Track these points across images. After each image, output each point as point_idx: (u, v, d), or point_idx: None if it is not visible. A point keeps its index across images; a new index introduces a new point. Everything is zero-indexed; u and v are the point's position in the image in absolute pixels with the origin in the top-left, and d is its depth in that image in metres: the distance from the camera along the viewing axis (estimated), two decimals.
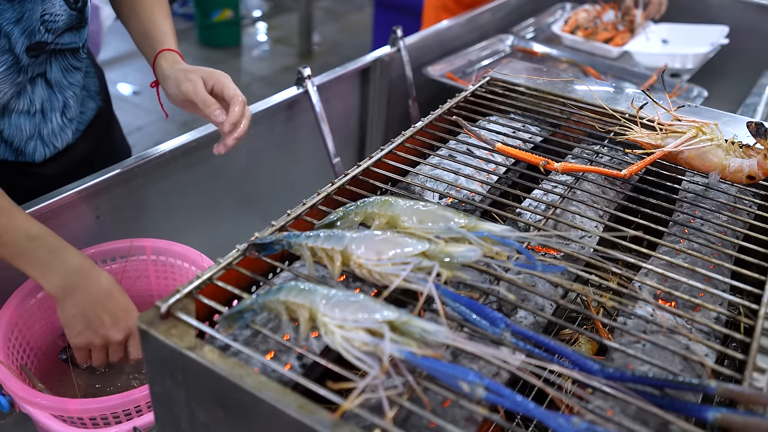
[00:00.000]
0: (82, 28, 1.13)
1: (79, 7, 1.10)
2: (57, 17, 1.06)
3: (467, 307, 0.64)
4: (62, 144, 1.21)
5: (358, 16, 5.99)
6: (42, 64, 1.11)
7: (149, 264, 1.12)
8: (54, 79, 1.15)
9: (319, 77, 1.54)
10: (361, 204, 0.79)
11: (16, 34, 1.03)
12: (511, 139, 1.07)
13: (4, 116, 1.11)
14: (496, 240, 0.71)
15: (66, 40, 1.11)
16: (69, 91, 1.18)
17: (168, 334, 0.63)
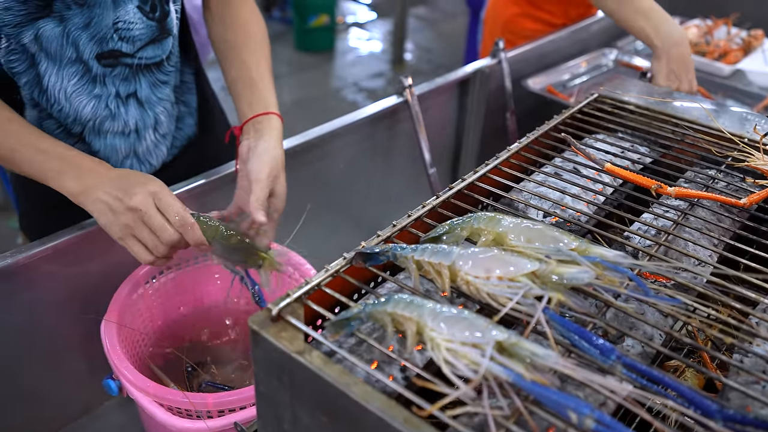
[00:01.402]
0: (163, 39, 1.13)
1: (158, 17, 1.09)
2: (131, 25, 1.06)
3: (577, 334, 0.63)
4: (158, 161, 1.24)
5: (451, 25, 5.99)
6: (131, 84, 1.13)
7: None
8: (144, 97, 1.16)
9: (419, 87, 1.55)
10: (468, 219, 0.79)
11: (84, 40, 1.04)
12: (620, 159, 1.04)
13: (100, 137, 1.15)
14: (607, 266, 0.69)
15: (149, 53, 1.12)
16: (159, 106, 1.20)
17: (278, 336, 0.65)
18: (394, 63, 5.15)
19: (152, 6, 1.07)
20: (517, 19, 2.22)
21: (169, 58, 1.17)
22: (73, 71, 1.07)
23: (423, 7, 6.47)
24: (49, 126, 1.12)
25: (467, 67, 1.69)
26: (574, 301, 0.67)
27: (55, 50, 1.04)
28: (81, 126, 1.13)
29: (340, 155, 1.47)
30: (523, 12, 2.21)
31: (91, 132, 1.14)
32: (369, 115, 1.45)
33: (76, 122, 1.12)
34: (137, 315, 1.07)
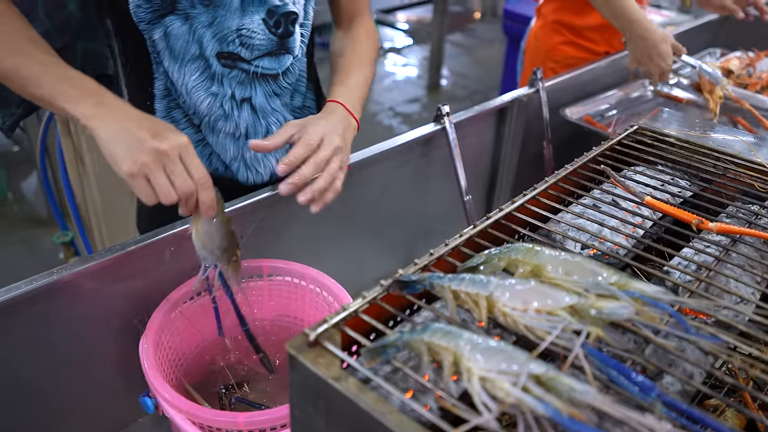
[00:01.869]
0: (281, 55, 1.20)
1: (280, 33, 1.16)
2: (254, 34, 1.13)
3: (616, 370, 0.62)
4: (266, 172, 1.29)
5: (488, 52, 6.02)
6: (247, 88, 1.20)
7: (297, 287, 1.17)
8: (258, 105, 1.23)
9: (456, 115, 1.56)
10: (505, 250, 0.79)
11: (207, 37, 1.12)
12: (659, 192, 1.03)
13: (213, 133, 1.23)
14: (647, 301, 0.69)
15: (266, 64, 1.19)
16: (272, 117, 1.26)
17: (315, 362, 0.66)
18: (429, 89, 5.19)
19: (276, 22, 1.14)
20: (560, 47, 2.23)
21: (287, 75, 1.24)
22: (195, 67, 1.15)
23: (459, 34, 6.52)
24: (176, 116, 1.21)
25: (505, 95, 1.70)
26: (612, 336, 0.66)
27: (180, 47, 1.13)
28: (199, 119, 1.21)
29: (377, 181, 1.49)
30: (567, 40, 2.22)
31: (206, 127, 1.22)
32: (406, 141, 1.46)
33: (196, 115, 1.21)
34: (175, 334, 1.09)
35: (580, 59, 2.17)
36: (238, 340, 1.16)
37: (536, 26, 2.36)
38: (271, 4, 1.13)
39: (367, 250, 1.56)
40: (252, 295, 1.17)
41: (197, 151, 1.18)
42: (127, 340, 1.12)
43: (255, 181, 1.29)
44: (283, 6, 1.14)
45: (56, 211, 2.48)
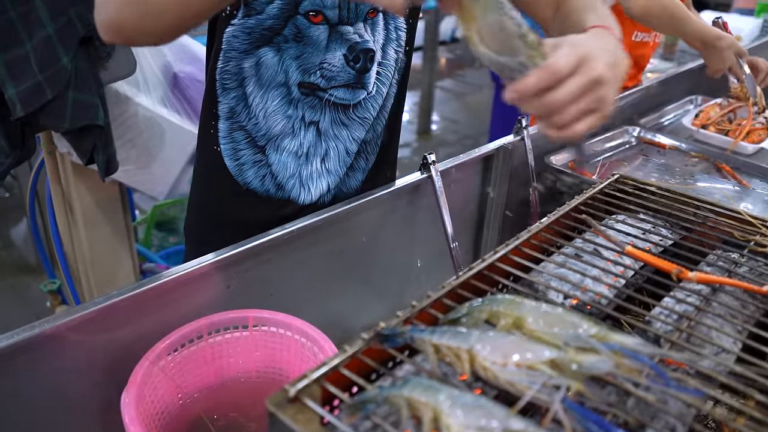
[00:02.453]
0: (356, 89, 1.30)
1: (358, 68, 1.25)
2: (334, 68, 1.24)
3: (596, 425, 0.62)
4: (316, 192, 1.38)
5: (477, 97, 6.12)
6: (317, 112, 1.30)
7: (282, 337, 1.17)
8: (323, 129, 1.33)
9: (442, 163, 1.58)
10: (487, 301, 0.79)
11: (293, 68, 1.23)
12: (641, 241, 1.04)
13: (277, 152, 1.32)
14: (627, 354, 0.69)
15: (340, 94, 1.29)
16: (333, 142, 1.35)
17: (295, 419, 0.65)
18: (420, 133, 5.25)
19: (356, 57, 1.24)
20: None
21: (357, 108, 1.34)
22: (277, 93, 1.26)
23: (449, 80, 6.63)
24: (238, 137, 1.31)
25: (491, 144, 1.72)
26: (592, 390, 0.66)
27: (269, 75, 1.24)
28: (266, 140, 1.31)
29: (364, 228, 1.49)
30: None
31: (272, 146, 1.32)
32: (393, 189, 1.48)
33: (264, 137, 1.30)
34: (158, 387, 1.07)
35: None
36: (221, 394, 1.15)
37: None
38: (352, 41, 1.23)
39: (354, 298, 1.56)
40: (238, 346, 1.16)
41: (253, 171, 1.34)
42: (109, 394, 1.11)
43: (305, 201, 1.39)
44: (363, 43, 1.24)
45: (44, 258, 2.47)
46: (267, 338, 1.17)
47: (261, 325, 1.16)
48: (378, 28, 1.28)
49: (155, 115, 1.80)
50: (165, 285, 1.13)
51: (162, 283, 1.12)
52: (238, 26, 1.20)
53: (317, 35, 1.22)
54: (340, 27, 1.22)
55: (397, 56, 1.38)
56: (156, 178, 1.89)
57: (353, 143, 1.39)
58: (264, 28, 1.20)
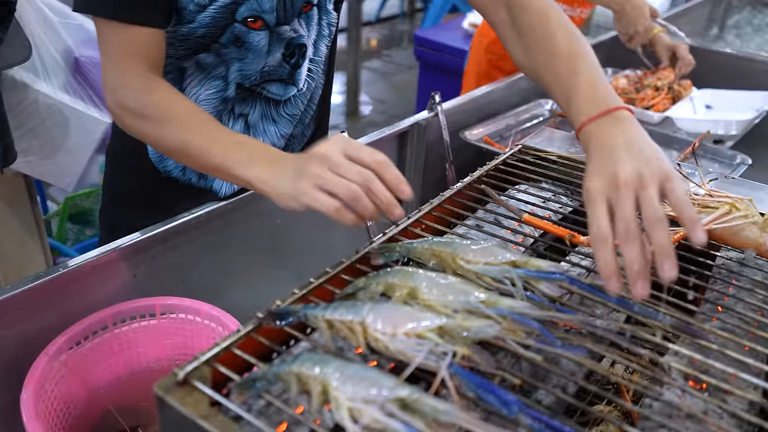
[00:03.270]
0: (288, 85, 1.27)
1: (293, 63, 1.23)
2: (273, 70, 1.22)
3: (481, 388, 0.63)
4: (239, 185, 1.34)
5: (404, 77, 6.12)
6: (247, 105, 1.26)
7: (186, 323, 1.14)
8: (252, 122, 1.29)
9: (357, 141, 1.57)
10: (383, 274, 0.80)
11: (234, 68, 1.20)
12: (541, 209, 1.07)
13: None
14: (516, 318, 0.71)
15: (272, 89, 1.26)
16: (260, 136, 1.31)
17: (183, 401, 0.64)
18: (348, 115, 5.23)
19: (291, 53, 1.22)
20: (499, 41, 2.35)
21: (287, 105, 1.31)
22: (214, 84, 1.22)
23: (377, 60, 6.61)
24: None
25: (404, 121, 1.73)
26: (480, 356, 0.68)
27: (209, 64, 1.19)
28: None
29: (277, 211, 1.47)
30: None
31: None
32: None
33: None
34: (62, 382, 1.04)
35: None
36: (131, 384, 1.12)
37: (482, 23, 2.51)
38: (288, 37, 1.20)
39: (273, 281, 1.54)
40: (146, 335, 1.13)
41: (172, 161, 1.29)
42: (12, 392, 1.06)
43: (226, 193, 1.36)
44: (298, 38, 1.21)
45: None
46: (177, 325, 1.15)
47: (169, 313, 1.14)
48: (312, 23, 1.24)
49: (57, 102, 1.71)
50: (65, 276, 1.09)
51: (62, 274, 1.08)
52: (170, 33, 1.13)
53: (258, 41, 1.18)
54: (278, 28, 1.18)
55: (328, 52, 1.36)
56: (62, 168, 1.81)
57: (280, 139, 1.36)
58: (197, 36, 1.14)
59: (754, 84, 2.26)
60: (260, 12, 1.14)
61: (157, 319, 1.14)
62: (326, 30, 1.30)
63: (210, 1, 1.10)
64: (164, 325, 1.14)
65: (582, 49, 0.94)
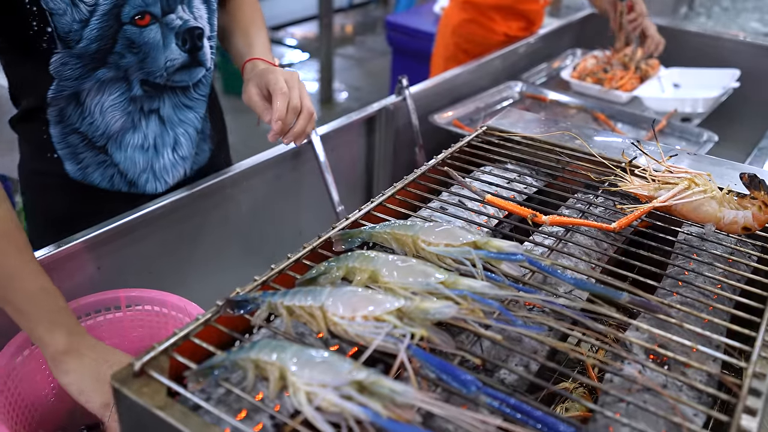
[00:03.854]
0: (193, 68, 1.24)
1: (188, 48, 1.20)
2: (175, 61, 1.20)
3: (439, 369, 0.63)
4: (173, 181, 1.32)
5: (379, 62, 6.09)
6: (155, 100, 1.23)
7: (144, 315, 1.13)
8: (166, 116, 1.26)
9: (323, 127, 1.56)
10: (343, 258, 0.79)
11: (135, 70, 1.17)
12: (506, 190, 1.07)
13: (121, 149, 1.23)
14: (475, 298, 0.70)
15: (177, 78, 1.22)
16: (180, 128, 1.29)
17: (139, 392, 0.64)
18: (323, 102, 5.20)
19: (183, 40, 1.19)
20: (465, 24, 2.44)
21: (198, 87, 1.29)
22: (116, 87, 1.17)
23: (351, 47, 6.57)
24: (73, 140, 1.20)
25: (372, 105, 1.72)
26: (439, 337, 0.67)
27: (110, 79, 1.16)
28: (106, 139, 1.21)
29: (248, 198, 1.47)
30: (471, 18, 2.42)
31: (113, 144, 1.23)
32: (272, 156, 1.45)
33: (103, 136, 1.21)
34: (24, 379, 1.02)
35: (481, 36, 2.37)
36: None
37: (448, 6, 2.52)
38: (177, 26, 1.17)
39: (243, 270, 1.53)
40: (111, 328, 1.12)
41: (99, 173, 1.24)
42: None
43: (161, 191, 1.31)
44: (185, 24, 1.18)
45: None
46: (143, 317, 1.14)
47: (135, 305, 1.13)
48: (195, 3, 1.20)
49: None
50: None
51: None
52: (64, 54, 1.09)
53: (152, 38, 1.14)
54: (165, 18, 1.15)
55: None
56: None
57: (200, 121, 1.34)
58: (92, 53, 1.10)
59: (722, 62, 2.29)
60: (145, 6, 1.11)
61: (123, 311, 1.12)
62: (215, 4, 1.26)
63: (90, 13, 1.06)
64: (130, 317, 1.13)
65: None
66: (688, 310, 0.79)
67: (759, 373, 0.69)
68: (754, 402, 0.65)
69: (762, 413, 0.65)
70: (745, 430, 0.62)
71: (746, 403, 0.65)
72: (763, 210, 0.89)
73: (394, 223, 0.86)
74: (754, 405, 0.65)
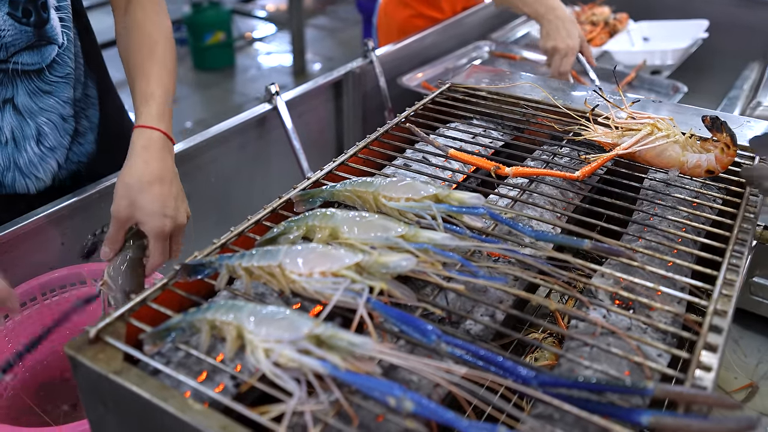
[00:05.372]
0: (43, 47, 1.08)
1: (33, 22, 1.04)
2: (2, 32, 1.01)
3: (398, 320, 0.63)
4: (47, 176, 1.17)
5: (351, 32, 6.02)
6: (6, 89, 1.08)
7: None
8: (22, 105, 1.10)
9: (289, 93, 1.54)
10: (303, 217, 0.78)
11: None
12: (471, 144, 1.06)
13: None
14: (435, 251, 0.70)
15: (25, 59, 1.07)
16: (42, 117, 1.13)
17: (95, 359, 0.62)
18: (296, 75, 5.13)
19: (25, 11, 1.02)
20: (410, 20, 2.27)
21: (54, 68, 1.12)
22: None
23: (322, 17, 6.48)
24: None
25: (338, 69, 1.69)
26: (399, 290, 0.67)
27: None
28: None
29: (214, 168, 1.44)
30: (416, 13, 2.26)
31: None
32: (236, 125, 1.43)
33: None
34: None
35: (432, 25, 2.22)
36: None
37: (384, 2, 2.37)
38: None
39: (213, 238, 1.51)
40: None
41: None
42: None
43: (38, 188, 1.17)
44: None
45: None
46: None
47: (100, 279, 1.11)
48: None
49: None
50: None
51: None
52: None
53: None
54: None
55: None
56: None
57: (66, 106, 1.17)
58: None
59: (691, 14, 2.27)
60: None
61: (89, 286, 1.11)
62: None
63: None
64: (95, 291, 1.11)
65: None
66: (652, 253, 0.79)
67: (720, 311, 0.69)
68: (715, 338, 0.65)
69: (723, 350, 0.66)
70: (706, 366, 0.62)
71: (707, 339, 0.65)
72: (725, 152, 0.89)
73: (354, 181, 0.85)
74: (714, 341, 0.65)
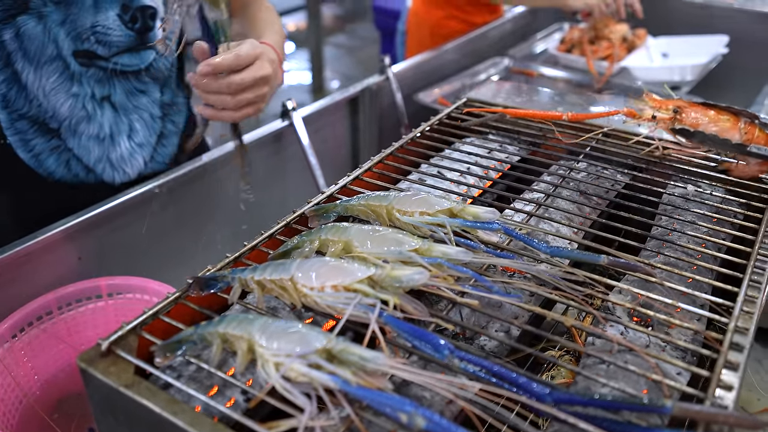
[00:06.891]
0: (143, 51, 1.18)
1: (137, 28, 1.14)
2: (110, 31, 1.11)
3: (411, 335, 0.62)
4: (134, 171, 1.26)
5: (370, 50, 6.06)
6: (105, 87, 1.17)
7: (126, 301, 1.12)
8: (119, 102, 1.20)
9: (305, 109, 1.54)
10: (316, 231, 0.78)
11: (61, 36, 1.09)
12: (487, 159, 1.05)
13: (75, 136, 1.18)
14: (449, 266, 0.69)
15: (125, 61, 1.16)
16: (134, 114, 1.23)
17: (106, 372, 0.62)
18: (314, 92, 5.17)
19: (133, 17, 1.12)
20: (443, 21, 2.35)
21: (149, 70, 1.22)
22: (53, 69, 1.11)
23: (341, 36, 6.54)
24: (22, 127, 1.14)
25: (355, 85, 1.70)
26: (412, 305, 0.66)
27: (35, 48, 1.08)
28: (58, 123, 1.16)
29: (226, 182, 1.45)
30: (448, 14, 2.33)
31: (67, 130, 1.17)
32: (252, 141, 1.43)
33: (53, 119, 1.15)
34: (8, 371, 1.01)
35: (463, 32, 2.28)
36: None
37: (416, 4, 2.43)
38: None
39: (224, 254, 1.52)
40: (95, 318, 1.11)
41: (54, 158, 1.18)
42: None
43: (122, 181, 1.26)
44: (137, 0, 1.12)
45: None
46: (125, 305, 1.12)
47: (116, 293, 1.11)
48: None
49: None
50: (5, 262, 1.06)
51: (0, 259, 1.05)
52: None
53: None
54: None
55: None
56: None
57: (155, 106, 1.27)
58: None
59: (710, 30, 2.26)
60: None
61: (104, 300, 1.11)
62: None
63: None
64: (112, 305, 1.12)
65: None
66: (671, 269, 0.78)
67: (741, 328, 0.67)
68: (736, 356, 0.64)
69: (744, 368, 0.64)
70: (727, 385, 0.61)
71: (727, 357, 0.63)
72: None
73: (369, 195, 0.84)
74: (735, 359, 0.63)
